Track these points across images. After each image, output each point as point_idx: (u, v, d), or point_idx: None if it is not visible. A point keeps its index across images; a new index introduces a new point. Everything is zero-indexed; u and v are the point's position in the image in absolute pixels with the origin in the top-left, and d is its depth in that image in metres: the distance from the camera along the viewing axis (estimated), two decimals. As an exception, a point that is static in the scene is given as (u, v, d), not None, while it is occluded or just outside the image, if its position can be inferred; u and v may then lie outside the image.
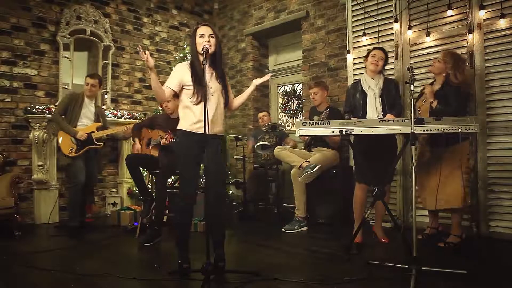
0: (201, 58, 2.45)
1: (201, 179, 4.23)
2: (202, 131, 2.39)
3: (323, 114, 4.00)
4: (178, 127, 2.57)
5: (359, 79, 3.28)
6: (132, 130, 4.04)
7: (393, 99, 3.16)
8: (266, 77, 2.73)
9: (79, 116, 3.95)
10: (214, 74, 2.56)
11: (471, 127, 2.51)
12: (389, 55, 3.94)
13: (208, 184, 2.58)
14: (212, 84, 2.53)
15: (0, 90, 4.32)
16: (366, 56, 3.26)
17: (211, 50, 2.46)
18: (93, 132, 3.95)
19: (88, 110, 4.02)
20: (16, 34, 4.43)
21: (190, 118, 2.50)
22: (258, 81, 2.72)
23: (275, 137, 4.64)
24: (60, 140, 3.88)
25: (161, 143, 3.61)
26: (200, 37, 2.49)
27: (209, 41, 2.47)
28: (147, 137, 3.93)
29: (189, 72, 2.51)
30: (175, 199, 3.32)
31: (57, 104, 4.10)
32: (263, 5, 5.62)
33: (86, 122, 3.99)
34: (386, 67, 3.93)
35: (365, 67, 3.28)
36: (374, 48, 3.28)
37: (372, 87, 3.15)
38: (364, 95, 3.18)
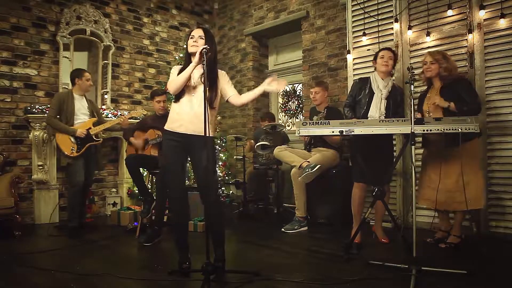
0: (192, 58, 2.45)
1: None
2: (181, 130, 2.46)
3: (321, 114, 4.00)
4: (164, 127, 2.58)
5: (369, 76, 3.26)
6: (123, 136, 4.05)
7: (397, 106, 3.17)
8: (281, 85, 2.44)
9: (74, 113, 3.89)
10: (202, 74, 2.53)
11: (471, 127, 2.51)
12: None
13: (199, 186, 2.59)
14: (198, 83, 2.51)
15: (0, 90, 4.33)
16: (375, 59, 3.25)
17: (195, 49, 2.43)
18: (90, 128, 3.90)
19: (81, 106, 3.96)
20: (16, 34, 4.44)
21: (172, 117, 2.53)
22: (270, 88, 2.44)
23: (276, 138, 4.63)
24: (59, 141, 3.82)
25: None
26: (190, 38, 2.53)
27: (196, 41, 2.48)
28: (141, 139, 3.92)
29: None
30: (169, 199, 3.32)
31: (48, 108, 4.04)
32: (263, 5, 5.62)
33: (83, 118, 3.94)
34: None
35: (375, 69, 3.26)
36: (381, 49, 3.27)
37: (381, 88, 3.15)
38: (371, 94, 3.17)
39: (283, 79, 2.56)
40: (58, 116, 3.85)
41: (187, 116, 2.48)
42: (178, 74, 2.52)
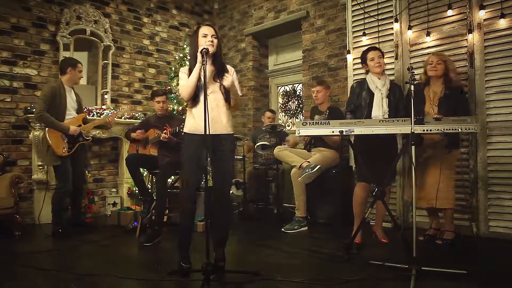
0: (199, 58, 2.39)
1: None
2: (202, 131, 2.40)
3: (324, 115, 4.00)
4: (184, 130, 2.60)
5: (365, 78, 3.26)
6: (125, 135, 4.05)
7: (397, 104, 3.16)
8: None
9: (66, 108, 3.71)
10: (214, 73, 2.55)
11: (471, 127, 2.51)
12: (389, 55, 3.98)
13: (215, 183, 2.59)
14: (210, 83, 2.52)
15: (0, 90, 4.32)
16: (364, 62, 3.23)
17: (212, 50, 2.44)
18: (80, 125, 3.77)
19: (71, 99, 3.79)
20: (16, 34, 4.43)
21: (190, 119, 2.54)
22: None
23: (275, 137, 4.63)
24: (50, 140, 3.60)
25: (162, 138, 3.61)
26: (203, 36, 2.50)
27: (212, 42, 2.47)
28: (143, 136, 3.92)
29: None
30: (179, 200, 3.32)
31: (37, 101, 3.74)
32: (263, 5, 5.62)
33: (73, 113, 3.79)
34: (386, 67, 3.97)
35: (367, 72, 3.25)
36: (368, 51, 3.23)
37: (380, 87, 3.14)
38: (371, 95, 3.16)
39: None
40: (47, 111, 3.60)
41: (211, 117, 2.44)
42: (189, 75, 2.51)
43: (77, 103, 3.89)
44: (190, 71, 2.51)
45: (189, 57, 2.68)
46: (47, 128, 3.65)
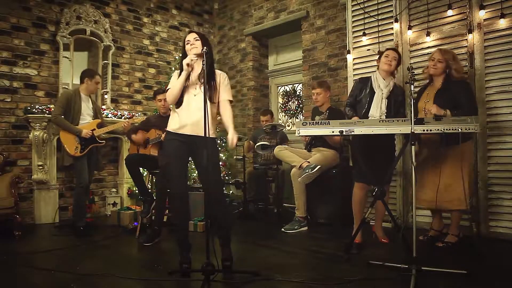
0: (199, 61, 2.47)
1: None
2: (186, 132, 2.50)
3: (323, 115, 4.00)
4: (166, 129, 2.62)
5: (370, 76, 3.26)
6: (127, 134, 4.05)
7: (399, 106, 3.16)
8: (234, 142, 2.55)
9: (81, 113, 3.90)
10: (201, 74, 2.53)
11: (471, 127, 2.51)
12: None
13: (204, 185, 2.60)
14: (196, 84, 2.55)
15: (0, 90, 4.32)
16: (379, 57, 3.26)
17: (196, 51, 2.50)
18: (94, 129, 3.90)
19: (87, 106, 3.98)
20: (16, 34, 4.43)
21: (175, 120, 2.56)
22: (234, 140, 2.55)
23: (276, 137, 4.63)
24: (63, 140, 3.80)
25: (162, 139, 3.60)
26: (187, 44, 2.57)
27: (193, 44, 2.52)
28: (143, 138, 3.93)
29: None
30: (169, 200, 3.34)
31: (54, 105, 4.01)
32: (263, 5, 5.62)
33: (88, 119, 3.96)
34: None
35: (377, 68, 3.26)
36: (388, 49, 3.26)
37: (382, 87, 3.14)
38: (372, 93, 3.16)
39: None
40: (63, 115, 3.82)
41: (190, 118, 2.50)
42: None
43: (93, 110, 4.06)
44: (180, 72, 2.54)
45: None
46: (60, 130, 3.83)
